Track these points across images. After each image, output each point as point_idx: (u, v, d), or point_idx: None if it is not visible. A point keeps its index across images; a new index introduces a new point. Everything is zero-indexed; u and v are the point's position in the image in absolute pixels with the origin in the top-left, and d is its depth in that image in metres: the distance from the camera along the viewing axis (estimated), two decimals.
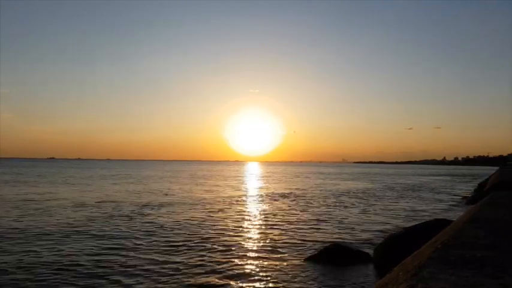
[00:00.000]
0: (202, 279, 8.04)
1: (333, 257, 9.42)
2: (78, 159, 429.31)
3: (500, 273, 2.77)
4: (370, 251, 10.17)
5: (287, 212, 18.97)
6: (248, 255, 10.22)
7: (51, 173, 58.50)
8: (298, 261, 9.58)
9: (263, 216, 17.31)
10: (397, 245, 8.91)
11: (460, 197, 28.77)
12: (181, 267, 8.88)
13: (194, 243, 11.48)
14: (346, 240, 11.91)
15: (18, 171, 62.28)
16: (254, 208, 20.49)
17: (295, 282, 8.02)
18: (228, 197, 26.58)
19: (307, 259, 9.65)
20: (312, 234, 13.07)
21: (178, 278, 8.10)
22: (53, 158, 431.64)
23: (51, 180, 42.07)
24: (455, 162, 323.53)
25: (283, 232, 13.43)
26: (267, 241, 11.97)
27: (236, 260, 9.60)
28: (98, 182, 39.81)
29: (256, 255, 10.22)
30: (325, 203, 23.07)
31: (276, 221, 15.88)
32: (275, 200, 24.97)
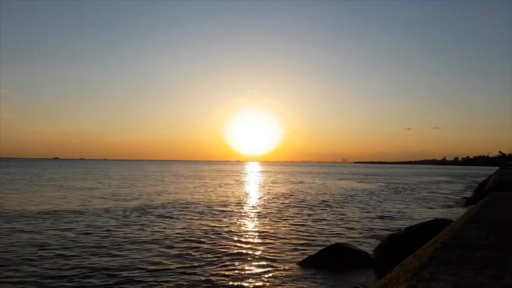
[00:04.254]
0: (196, 282, 7.97)
1: (332, 257, 9.38)
2: (82, 159, 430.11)
3: (502, 274, 2.74)
4: (370, 251, 10.14)
5: (286, 212, 18.93)
6: (245, 256, 10.16)
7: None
8: (298, 261, 9.54)
9: (261, 217, 17.27)
10: (397, 245, 8.89)
11: (460, 197, 28.75)
12: (174, 269, 8.84)
13: (185, 244, 11.45)
14: (345, 240, 11.87)
15: None
16: (251, 208, 20.44)
17: (294, 282, 7.98)
18: (225, 197, 26.55)
19: (307, 259, 9.60)
20: (311, 235, 13.04)
21: (171, 280, 8.07)
22: (57, 158, 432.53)
23: None
24: (455, 162, 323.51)
25: (282, 232, 13.40)
26: (266, 242, 11.92)
27: (231, 262, 9.52)
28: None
29: (254, 256, 10.18)
30: (324, 203, 23.03)
31: (275, 222, 15.85)
32: (273, 200, 24.93)
